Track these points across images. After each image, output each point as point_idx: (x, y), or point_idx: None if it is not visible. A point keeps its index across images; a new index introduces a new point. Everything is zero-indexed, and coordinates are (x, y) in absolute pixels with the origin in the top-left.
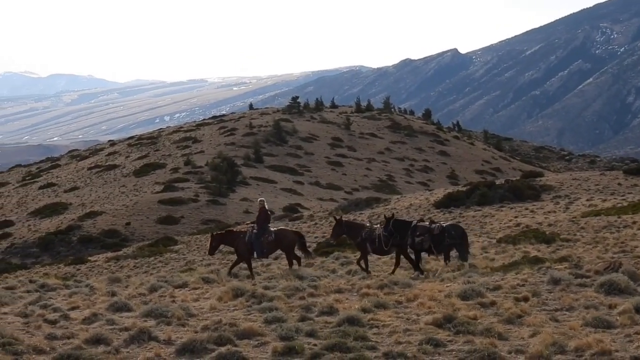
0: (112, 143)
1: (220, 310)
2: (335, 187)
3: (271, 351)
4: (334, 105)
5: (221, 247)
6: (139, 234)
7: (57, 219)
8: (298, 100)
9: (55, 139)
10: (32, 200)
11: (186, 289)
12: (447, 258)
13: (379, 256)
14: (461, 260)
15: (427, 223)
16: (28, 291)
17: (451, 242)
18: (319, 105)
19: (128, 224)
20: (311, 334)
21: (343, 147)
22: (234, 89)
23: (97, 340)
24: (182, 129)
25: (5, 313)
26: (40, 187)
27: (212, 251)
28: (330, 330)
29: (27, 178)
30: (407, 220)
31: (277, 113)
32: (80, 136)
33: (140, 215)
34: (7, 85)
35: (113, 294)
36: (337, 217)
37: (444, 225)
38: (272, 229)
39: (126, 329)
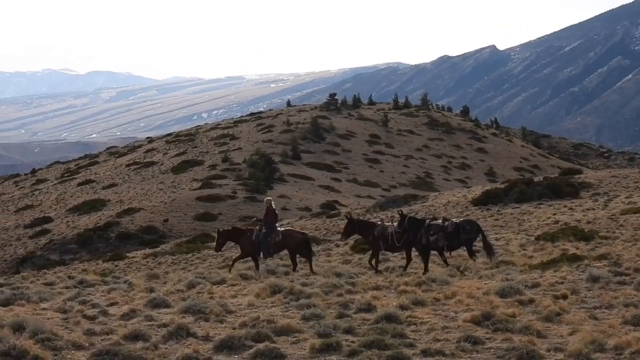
0: (150, 140)
1: (258, 306)
2: (373, 184)
3: (309, 348)
4: (371, 102)
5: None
6: (177, 231)
7: (96, 216)
8: (335, 97)
9: (93, 135)
10: (71, 196)
11: (224, 285)
12: (471, 254)
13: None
14: (489, 256)
15: (440, 221)
16: (67, 287)
17: (467, 237)
18: (357, 102)
19: (166, 220)
20: (349, 331)
21: (381, 144)
22: (272, 85)
23: (135, 336)
24: (220, 126)
25: (44, 309)
26: (79, 184)
27: (218, 248)
28: (368, 327)
29: (65, 175)
30: (421, 219)
31: (314, 110)
32: (118, 133)
33: (178, 212)
34: (47, 83)
35: (151, 290)
36: (349, 217)
37: (457, 221)
38: (279, 228)
39: (164, 325)
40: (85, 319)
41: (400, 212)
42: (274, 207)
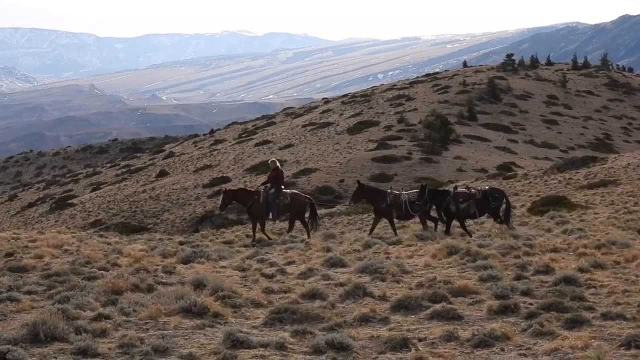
0: (326, 101)
1: (434, 267)
2: (550, 145)
3: (486, 309)
4: (549, 63)
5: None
6: (353, 191)
7: None
8: (513, 58)
9: (270, 96)
10: (248, 157)
11: (400, 245)
12: (496, 219)
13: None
14: (505, 223)
15: (465, 189)
16: (245, 246)
17: (496, 204)
18: (534, 63)
19: (342, 181)
20: (527, 293)
21: (558, 105)
22: (448, 46)
23: (313, 295)
24: (396, 87)
25: (223, 267)
26: (256, 144)
27: (223, 207)
28: (546, 289)
29: (243, 135)
30: (443, 190)
31: (491, 71)
32: (294, 94)
33: (354, 172)
34: (225, 44)
35: (328, 250)
36: (360, 182)
37: (484, 189)
38: (286, 191)
39: (341, 285)
40: (263, 277)
41: (423, 185)
42: (280, 167)
